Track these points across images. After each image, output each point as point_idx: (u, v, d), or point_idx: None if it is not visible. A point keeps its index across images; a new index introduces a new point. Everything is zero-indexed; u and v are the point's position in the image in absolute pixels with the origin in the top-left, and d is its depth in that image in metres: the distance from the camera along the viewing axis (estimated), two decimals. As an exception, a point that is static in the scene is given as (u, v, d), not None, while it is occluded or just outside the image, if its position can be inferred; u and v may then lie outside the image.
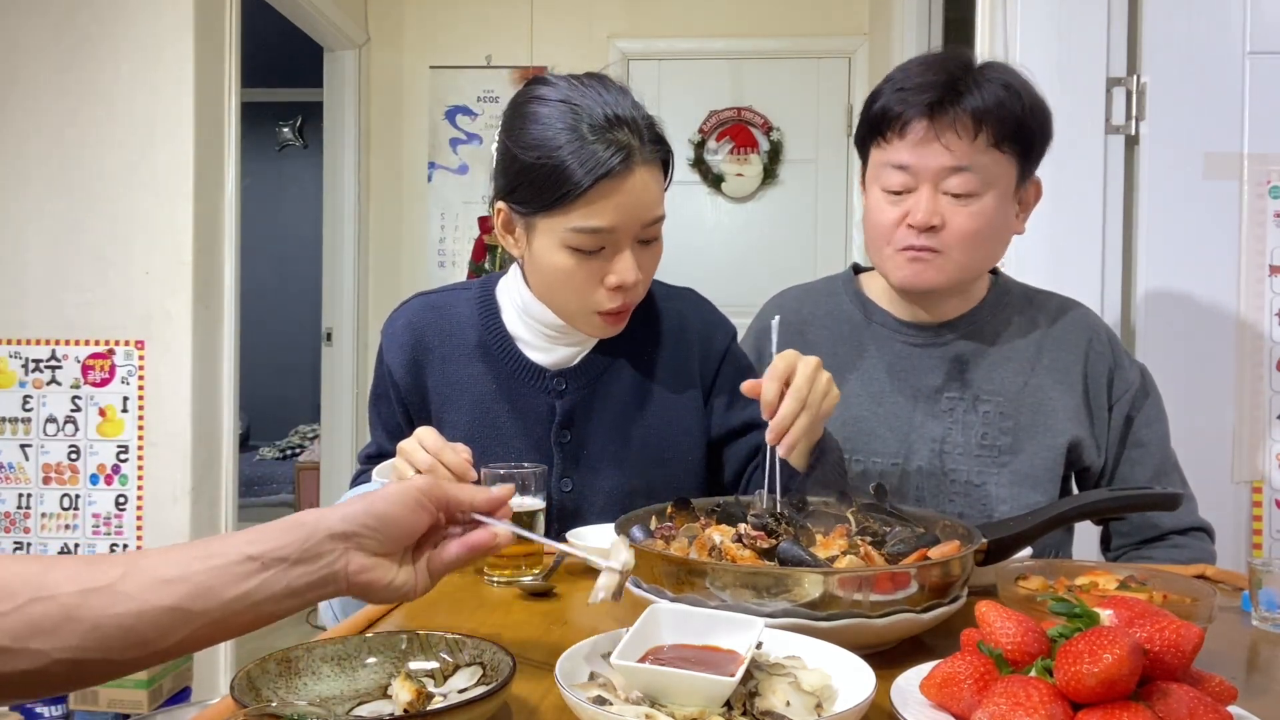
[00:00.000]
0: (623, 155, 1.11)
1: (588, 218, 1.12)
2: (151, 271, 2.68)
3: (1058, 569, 0.97)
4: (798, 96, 4.09)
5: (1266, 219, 1.80)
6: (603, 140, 1.11)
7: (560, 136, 1.11)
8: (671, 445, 1.29)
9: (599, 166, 1.10)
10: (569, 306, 1.21)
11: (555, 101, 1.14)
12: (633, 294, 1.19)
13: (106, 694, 2.37)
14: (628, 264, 1.15)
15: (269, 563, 0.65)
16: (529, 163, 1.13)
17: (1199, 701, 0.58)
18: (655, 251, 1.21)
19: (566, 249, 1.15)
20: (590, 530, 1.15)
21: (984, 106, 1.22)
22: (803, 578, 0.78)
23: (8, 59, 2.68)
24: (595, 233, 1.13)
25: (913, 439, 1.34)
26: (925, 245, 1.26)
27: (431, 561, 0.75)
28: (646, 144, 1.14)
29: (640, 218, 1.14)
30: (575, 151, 1.10)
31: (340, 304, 4.05)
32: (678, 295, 1.36)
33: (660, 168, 1.17)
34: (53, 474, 2.70)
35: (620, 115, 1.13)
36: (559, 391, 1.27)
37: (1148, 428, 1.36)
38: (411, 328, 1.30)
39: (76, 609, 0.60)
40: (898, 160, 1.26)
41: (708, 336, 1.33)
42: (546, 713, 0.70)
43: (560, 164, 1.11)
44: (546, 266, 1.18)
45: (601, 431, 1.27)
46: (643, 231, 1.16)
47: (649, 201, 1.15)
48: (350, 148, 4.03)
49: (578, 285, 1.17)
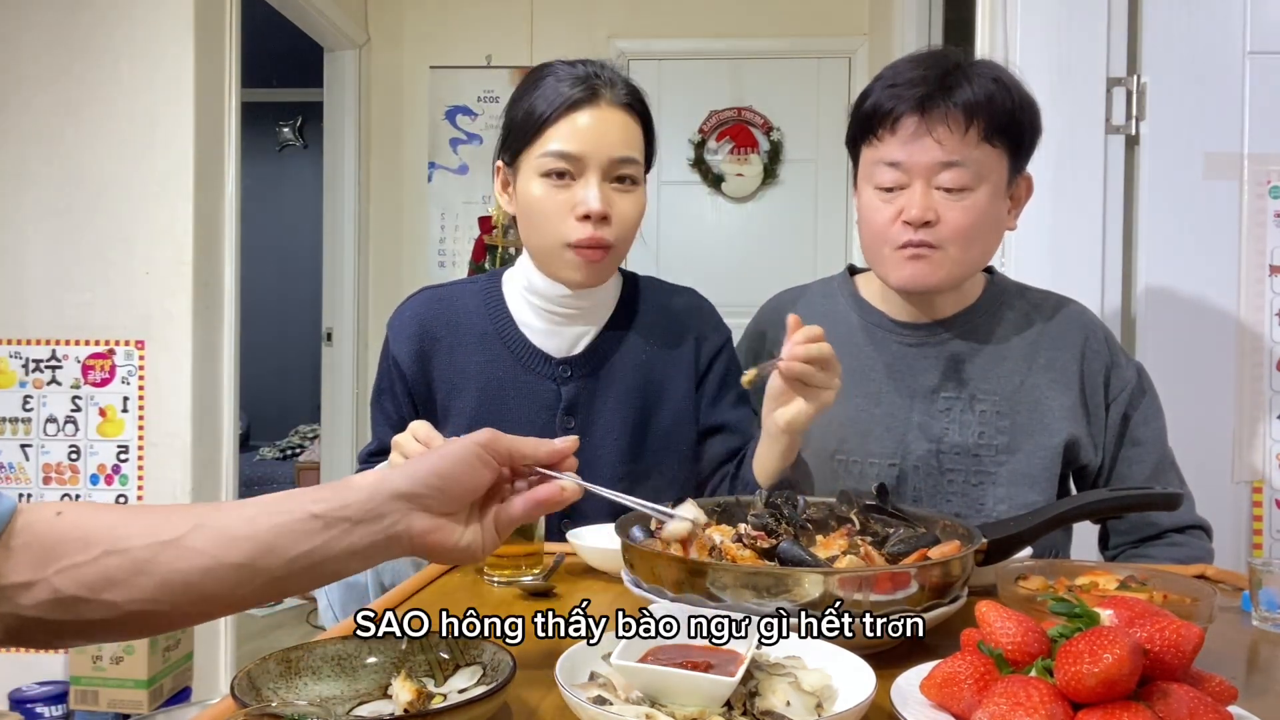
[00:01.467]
0: (588, 90, 1.23)
1: (555, 141, 1.22)
2: (152, 271, 2.68)
3: (1058, 569, 0.96)
4: (798, 96, 4.09)
5: (1266, 219, 1.80)
6: (570, 80, 1.24)
7: (538, 86, 1.25)
8: (670, 432, 1.33)
9: (565, 99, 1.22)
10: (545, 241, 1.26)
11: (541, 68, 1.29)
12: (602, 231, 1.23)
13: (107, 694, 2.37)
14: (593, 191, 1.22)
15: (331, 522, 0.65)
16: (512, 114, 1.27)
17: (1199, 701, 0.58)
18: (633, 201, 1.26)
19: (540, 178, 1.24)
20: (590, 530, 1.15)
21: (975, 100, 1.23)
22: (803, 578, 0.78)
23: (8, 59, 2.68)
24: (562, 156, 1.22)
25: (910, 439, 1.34)
26: (922, 241, 1.26)
27: (498, 518, 0.75)
28: (617, 88, 1.25)
29: (607, 151, 1.22)
30: (545, 91, 1.24)
31: (340, 304, 4.05)
32: (680, 291, 1.42)
33: (633, 116, 1.26)
34: (53, 474, 2.70)
35: (591, 67, 1.26)
36: (564, 378, 1.32)
37: (1145, 426, 1.36)
38: (419, 318, 1.34)
39: (148, 563, 0.61)
40: (890, 157, 1.27)
41: (705, 333, 1.38)
42: (546, 713, 0.70)
43: (533, 103, 1.24)
44: (526, 202, 1.26)
45: (604, 417, 1.31)
46: (612, 167, 1.23)
47: (616, 139, 1.23)
48: (350, 148, 4.03)
49: (550, 215, 1.24)
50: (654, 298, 1.38)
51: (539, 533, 1.09)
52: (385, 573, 1.10)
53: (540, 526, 1.10)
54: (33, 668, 2.62)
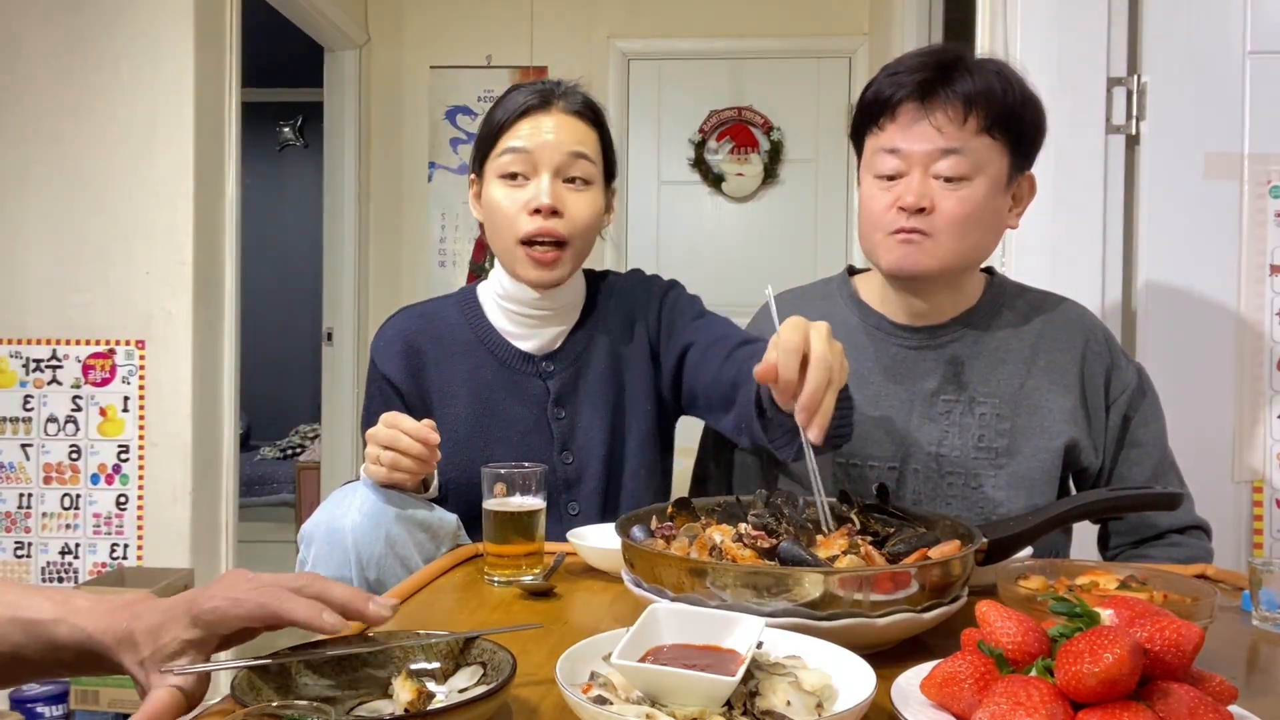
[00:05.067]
0: (541, 97, 1.32)
1: (509, 140, 1.31)
2: (152, 271, 2.68)
3: (1058, 569, 0.96)
4: (798, 96, 4.09)
5: (1267, 219, 1.80)
6: (529, 91, 1.34)
7: (501, 103, 1.35)
8: (639, 406, 1.41)
9: (520, 105, 1.32)
10: (504, 241, 1.33)
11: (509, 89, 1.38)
12: (552, 223, 1.30)
13: (107, 694, 2.37)
14: (544, 186, 1.30)
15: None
16: (481, 128, 1.37)
17: (1199, 701, 0.58)
18: (586, 199, 1.33)
19: (498, 180, 1.32)
20: (590, 530, 1.15)
21: (974, 91, 1.23)
22: (803, 577, 0.78)
23: (8, 59, 2.68)
24: (515, 152, 1.31)
25: (910, 441, 1.34)
26: (915, 228, 1.27)
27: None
28: (571, 98, 1.34)
29: (557, 148, 1.30)
30: (506, 103, 1.34)
31: (340, 304, 4.05)
32: (625, 276, 1.50)
33: (585, 123, 1.34)
34: (53, 474, 2.70)
35: (552, 84, 1.36)
36: (548, 373, 1.39)
37: (1145, 427, 1.35)
38: (403, 336, 1.39)
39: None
40: (890, 145, 1.28)
41: (646, 305, 1.44)
42: (546, 713, 0.70)
43: (494, 114, 1.35)
44: (488, 205, 1.34)
45: (589, 404, 1.39)
46: (565, 164, 1.31)
47: (566, 138, 1.31)
48: (350, 148, 4.03)
49: (507, 213, 1.31)
50: (607, 290, 1.46)
51: (539, 532, 1.09)
52: (370, 566, 1.10)
53: (540, 526, 1.10)
54: (33, 668, 2.62)
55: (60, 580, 2.68)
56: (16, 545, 2.69)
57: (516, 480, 1.09)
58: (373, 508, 1.11)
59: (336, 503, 1.14)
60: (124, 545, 2.68)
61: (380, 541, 1.10)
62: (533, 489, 1.09)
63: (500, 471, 1.09)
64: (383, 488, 1.14)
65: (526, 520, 1.08)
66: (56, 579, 2.68)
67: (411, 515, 1.14)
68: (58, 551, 2.68)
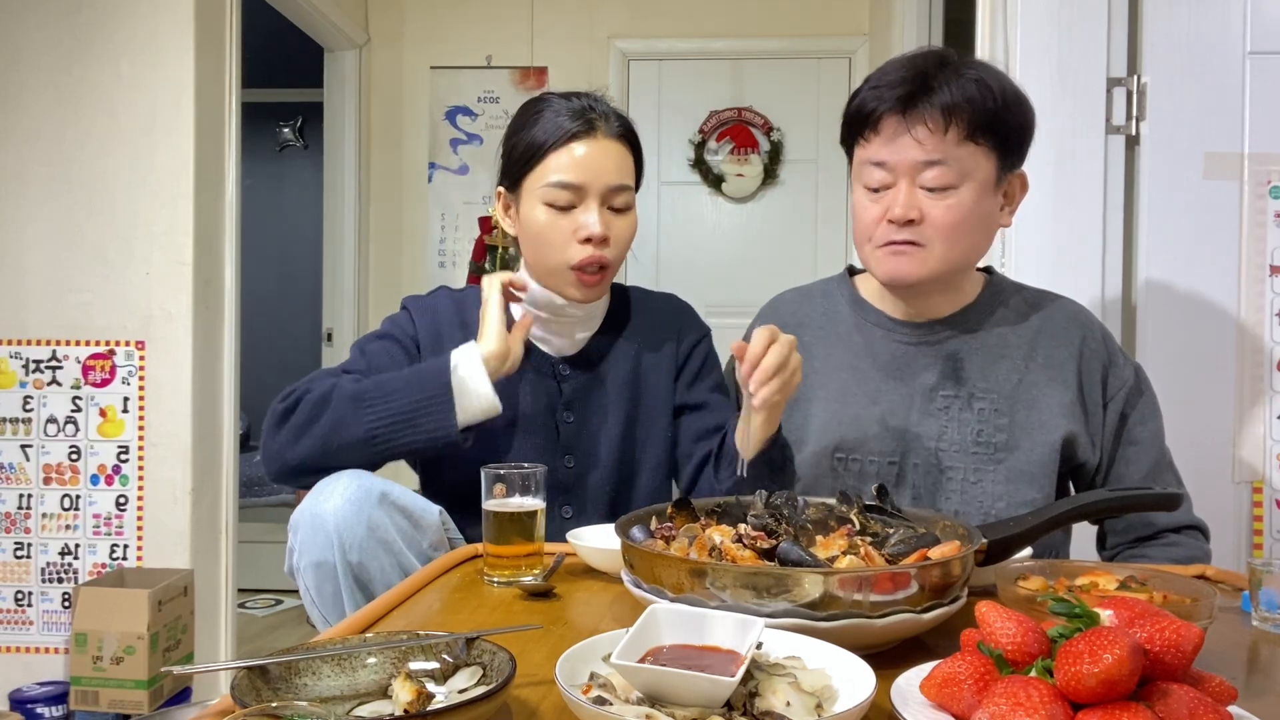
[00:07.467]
0: (585, 123, 1.34)
1: (557, 172, 1.33)
2: (152, 272, 2.68)
3: (1058, 569, 0.97)
4: (798, 96, 4.09)
5: (1266, 219, 1.80)
6: (568, 113, 1.35)
7: (537, 119, 1.36)
8: (655, 420, 1.44)
9: (563, 130, 1.34)
10: (549, 262, 1.36)
11: (537, 101, 1.40)
12: (602, 251, 1.34)
13: (107, 694, 2.37)
14: (594, 217, 1.33)
15: None
16: (514, 144, 1.38)
17: (1199, 702, 0.58)
18: (627, 222, 1.38)
19: (543, 205, 1.35)
20: (590, 530, 1.15)
21: (952, 102, 1.23)
22: (803, 578, 0.78)
23: (8, 59, 2.68)
24: (564, 187, 1.33)
25: (908, 437, 1.34)
26: (905, 239, 1.28)
27: None
28: (611, 121, 1.37)
29: (604, 179, 1.34)
30: (545, 123, 1.35)
31: (340, 304, 4.05)
32: (661, 296, 1.55)
33: (625, 147, 1.38)
34: (53, 474, 2.70)
35: (585, 101, 1.37)
36: (563, 376, 1.43)
37: (1142, 425, 1.36)
38: (435, 312, 1.44)
39: None
40: (875, 157, 1.29)
41: (685, 331, 1.50)
42: (546, 713, 0.70)
43: (533, 135, 1.35)
44: (530, 226, 1.36)
45: (598, 412, 1.42)
46: (609, 196, 1.35)
47: (612, 167, 1.35)
48: (350, 148, 4.03)
49: (554, 239, 1.35)
50: (640, 304, 1.51)
51: (539, 533, 1.09)
52: (352, 550, 1.11)
53: (540, 527, 1.10)
54: (33, 668, 2.63)
55: (60, 581, 2.68)
56: (16, 546, 2.69)
57: (516, 481, 1.09)
58: (355, 493, 1.14)
59: (320, 489, 1.18)
60: (124, 546, 2.68)
61: (362, 525, 1.13)
62: (533, 489, 1.09)
63: (500, 472, 1.09)
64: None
65: (526, 521, 1.08)
66: (56, 579, 2.68)
67: (394, 501, 1.17)
68: (57, 552, 2.68)
